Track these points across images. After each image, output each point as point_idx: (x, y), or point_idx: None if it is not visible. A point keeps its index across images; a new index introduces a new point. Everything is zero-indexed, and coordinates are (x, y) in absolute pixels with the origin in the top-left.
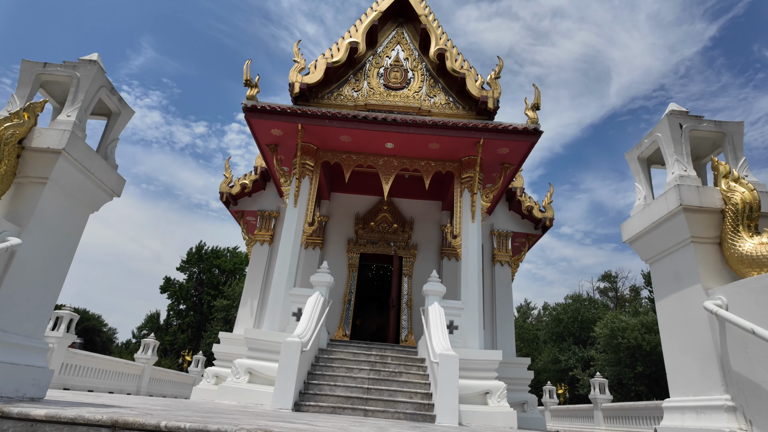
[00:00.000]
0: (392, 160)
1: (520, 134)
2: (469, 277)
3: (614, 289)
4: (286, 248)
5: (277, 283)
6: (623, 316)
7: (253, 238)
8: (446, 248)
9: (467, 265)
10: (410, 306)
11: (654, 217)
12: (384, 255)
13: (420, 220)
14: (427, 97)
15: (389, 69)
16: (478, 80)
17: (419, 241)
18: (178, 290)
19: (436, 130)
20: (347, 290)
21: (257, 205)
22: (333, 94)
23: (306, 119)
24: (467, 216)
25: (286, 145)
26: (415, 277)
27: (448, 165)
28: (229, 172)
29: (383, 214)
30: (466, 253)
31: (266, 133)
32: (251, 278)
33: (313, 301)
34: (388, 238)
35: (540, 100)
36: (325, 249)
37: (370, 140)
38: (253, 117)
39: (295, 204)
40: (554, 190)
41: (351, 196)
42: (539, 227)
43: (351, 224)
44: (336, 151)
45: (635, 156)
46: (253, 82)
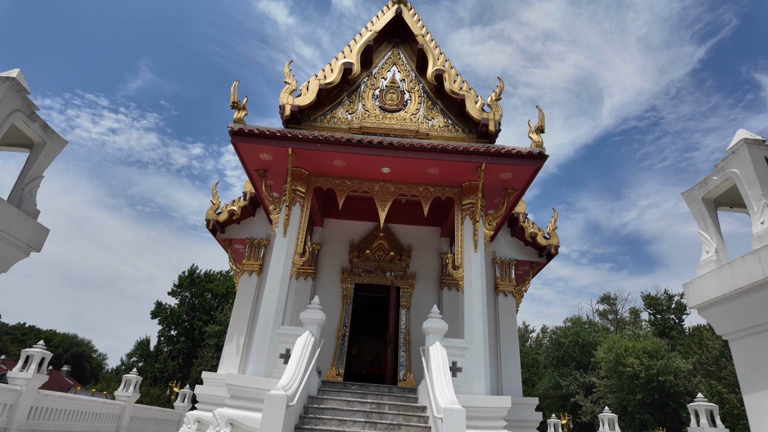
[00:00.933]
0: (389, 186)
1: (525, 158)
2: (473, 313)
3: (614, 311)
4: (273, 282)
5: (264, 322)
6: (625, 340)
7: (241, 268)
8: (446, 278)
9: (471, 299)
10: (409, 341)
11: (740, 282)
12: (380, 285)
13: (418, 248)
14: (424, 120)
15: (385, 90)
16: (478, 102)
17: (417, 270)
18: (170, 315)
19: (435, 154)
20: (341, 324)
21: (246, 232)
22: (326, 116)
23: (297, 143)
24: (469, 245)
25: (275, 170)
26: (414, 309)
27: (448, 191)
28: (217, 197)
29: (379, 242)
30: (469, 286)
31: (254, 157)
32: (238, 312)
33: (303, 341)
34: (385, 266)
35: (544, 123)
36: (317, 279)
37: (365, 165)
38: (241, 141)
39: (285, 233)
40: (548, 210)
41: (345, 223)
42: (544, 254)
43: (345, 252)
44: (329, 176)
45: (699, 196)
46: (241, 104)
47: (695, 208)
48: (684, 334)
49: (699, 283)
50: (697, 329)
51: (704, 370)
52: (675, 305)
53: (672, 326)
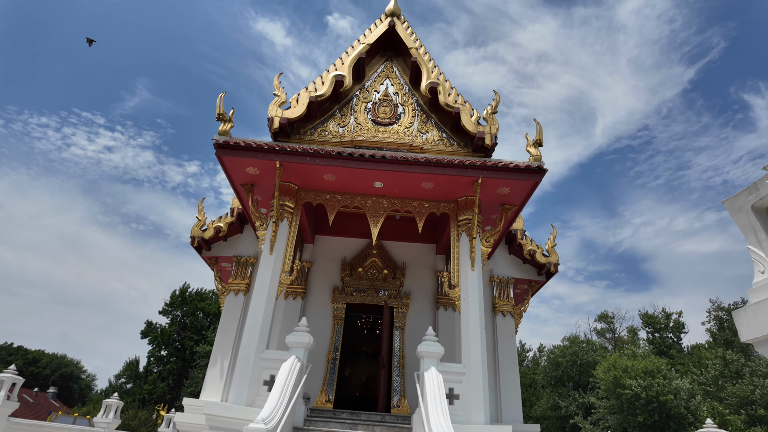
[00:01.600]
0: (381, 201)
1: (523, 172)
2: (470, 335)
3: (612, 330)
4: (258, 302)
5: (247, 346)
6: (624, 360)
7: (227, 288)
8: (442, 297)
9: (468, 321)
10: (403, 365)
11: None
12: (373, 305)
13: (413, 266)
14: (418, 133)
15: (378, 104)
16: (474, 115)
17: (412, 289)
18: (160, 335)
19: (430, 168)
20: (331, 346)
21: (233, 250)
22: (316, 129)
23: (285, 156)
24: (466, 263)
25: (263, 185)
26: (408, 330)
27: (444, 206)
28: (203, 214)
29: (372, 259)
30: (466, 306)
31: (240, 171)
32: (223, 334)
33: (288, 367)
34: (378, 285)
35: (542, 136)
36: (307, 298)
37: (357, 179)
38: (226, 154)
39: (271, 250)
40: (543, 227)
41: (337, 239)
42: (543, 273)
43: (337, 270)
44: (319, 191)
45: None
46: (227, 116)
47: (742, 219)
48: (683, 353)
49: (756, 311)
50: (695, 348)
51: (703, 390)
52: (673, 324)
53: (670, 345)
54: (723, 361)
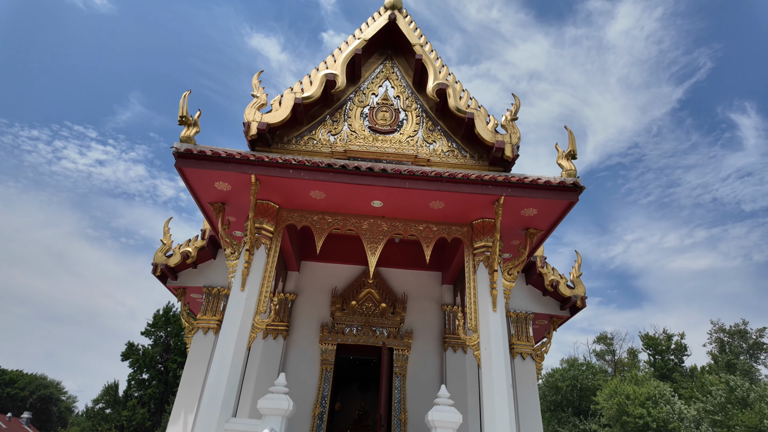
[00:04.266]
0: (381, 224)
1: (555, 191)
2: (495, 397)
3: (611, 351)
4: (223, 354)
5: (206, 413)
6: (626, 385)
7: (195, 325)
8: (450, 336)
9: (491, 377)
10: (404, 421)
11: None
12: (369, 346)
13: (415, 298)
14: (424, 143)
15: (376, 108)
16: (490, 122)
17: (414, 326)
18: (142, 357)
19: (441, 183)
20: (318, 397)
21: (204, 279)
22: (303, 138)
23: (262, 168)
24: (486, 303)
25: (236, 203)
26: (411, 378)
27: (455, 230)
28: (168, 237)
29: (368, 290)
30: (488, 358)
31: (208, 187)
32: (188, 383)
33: None
34: (375, 322)
35: (575, 146)
36: (290, 338)
37: (351, 197)
38: (188, 165)
39: (243, 286)
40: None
41: (326, 266)
42: (567, 307)
43: (326, 303)
44: (304, 210)
45: None
46: (192, 119)
47: None
48: (685, 376)
49: None
50: (694, 370)
51: (710, 419)
52: (675, 345)
53: (672, 368)
54: (727, 386)
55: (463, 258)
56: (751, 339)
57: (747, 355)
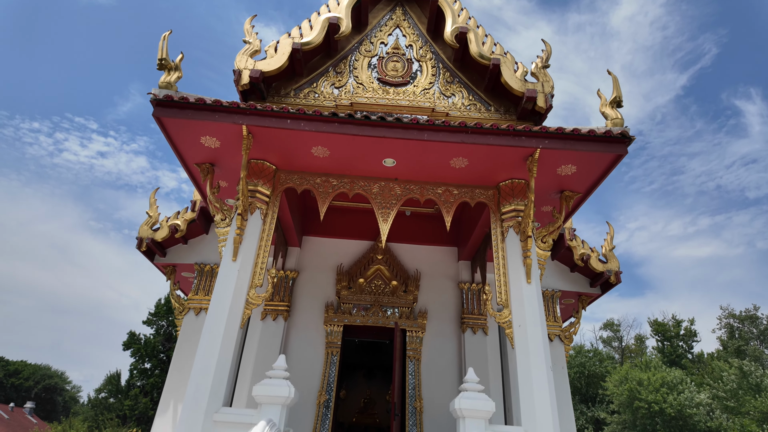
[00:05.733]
0: (393, 187)
1: (600, 142)
2: (533, 381)
3: (618, 338)
4: (212, 334)
5: (193, 402)
6: (637, 372)
7: (185, 305)
8: (468, 316)
9: (528, 359)
10: (420, 409)
11: None
12: (379, 328)
13: (429, 275)
14: (441, 96)
15: (385, 59)
16: (519, 70)
17: (429, 306)
18: (143, 347)
19: (466, 135)
20: (324, 384)
21: (195, 255)
22: (302, 90)
23: (255, 118)
24: (518, 274)
25: (228, 165)
26: (426, 362)
27: (479, 194)
28: (155, 209)
29: (377, 267)
30: (523, 337)
31: (193, 143)
32: (177, 369)
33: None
34: (385, 301)
35: (621, 93)
36: (292, 319)
37: (360, 154)
38: (169, 115)
39: (235, 256)
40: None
41: (331, 242)
42: (597, 284)
43: (331, 281)
44: (306, 172)
45: None
46: (173, 62)
47: None
48: (695, 362)
49: None
50: (701, 356)
51: (722, 405)
52: (684, 331)
53: (681, 354)
54: (740, 372)
55: (483, 231)
56: (762, 324)
57: (758, 341)
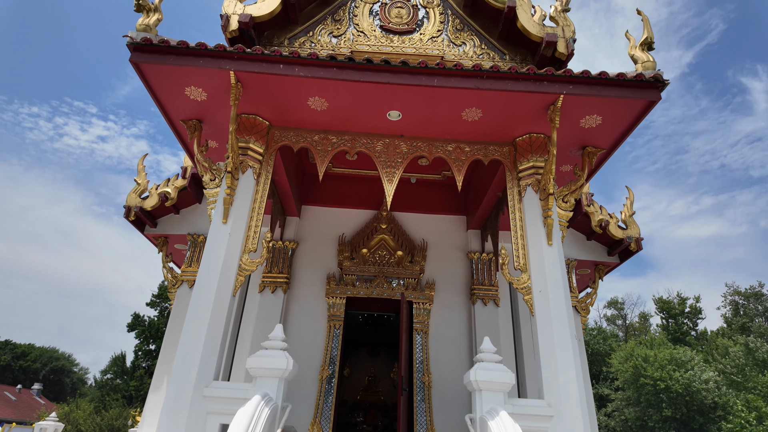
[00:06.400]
0: (399, 144)
1: (630, 87)
2: (557, 351)
3: (622, 316)
4: (202, 302)
5: (181, 375)
6: (643, 348)
7: (178, 278)
8: (478, 287)
9: (550, 325)
10: (428, 384)
11: None
12: (384, 300)
13: (436, 245)
14: (451, 44)
15: (389, 5)
16: (536, 13)
17: (437, 277)
18: (147, 328)
19: (481, 81)
20: (326, 358)
21: (188, 226)
22: (297, 39)
23: (244, 63)
24: (537, 235)
25: (216, 121)
26: (434, 334)
27: (493, 150)
28: (143, 176)
29: (381, 237)
30: (545, 302)
31: (177, 94)
32: (170, 344)
33: (250, 415)
34: (390, 272)
35: (652, 34)
36: (292, 292)
37: (361, 106)
38: (148, 61)
39: (225, 218)
40: None
41: (331, 211)
42: (615, 252)
43: (332, 252)
44: (302, 129)
45: None
46: (152, 4)
47: None
48: (699, 340)
49: None
50: (714, 336)
51: (728, 380)
52: (690, 309)
53: (686, 331)
54: (746, 348)
55: (494, 196)
56: (767, 301)
57: (762, 318)
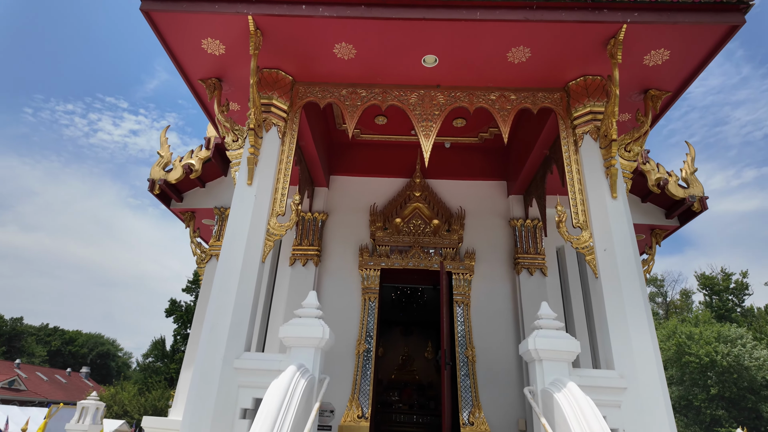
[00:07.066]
0: (435, 95)
1: (707, 11)
2: (627, 313)
3: (662, 294)
4: (229, 269)
5: (209, 346)
6: (687, 326)
7: (207, 253)
8: (523, 256)
9: (618, 286)
10: (472, 358)
11: None
12: (420, 271)
13: (475, 212)
14: None
15: None
16: None
17: (477, 246)
18: (184, 313)
19: (531, 12)
20: (362, 332)
21: (214, 199)
22: None
23: (264, 6)
24: (599, 187)
25: (237, 79)
26: (475, 307)
27: (543, 97)
28: (166, 148)
29: (415, 205)
30: (611, 262)
31: (194, 49)
32: (201, 319)
33: (284, 387)
34: (426, 242)
35: None
36: (324, 265)
37: (393, 51)
38: (159, 8)
39: (250, 179)
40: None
41: (361, 180)
42: (674, 214)
43: (364, 223)
44: (328, 83)
45: None
46: None
47: None
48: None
49: None
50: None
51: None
52: (735, 285)
53: (731, 308)
54: None
55: (539, 156)
56: None
57: None
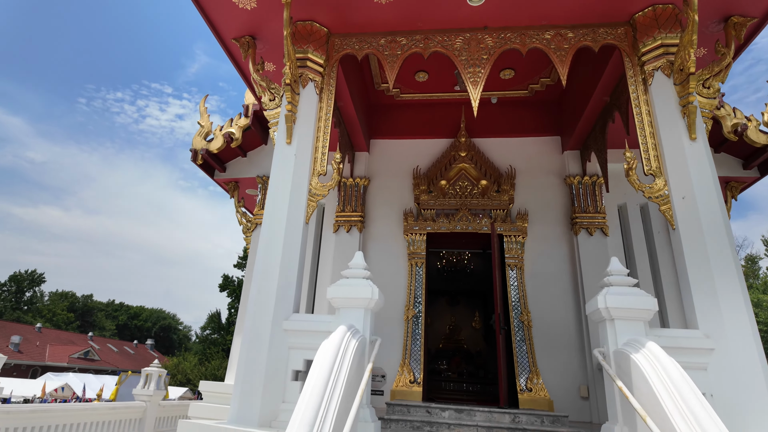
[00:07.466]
0: (483, 38)
1: None
2: (712, 266)
3: None
4: (273, 231)
5: (258, 308)
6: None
7: (252, 222)
8: (581, 215)
9: (701, 238)
10: (528, 324)
11: None
12: (469, 234)
13: (526, 172)
14: None
15: None
16: None
17: (529, 206)
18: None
19: None
20: (410, 298)
21: (256, 168)
22: None
23: None
24: (674, 128)
25: (271, 36)
26: (529, 270)
27: (604, 33)
28: (206, 118)
29: (461, 165)
30: (691, 211)
31: (225, 5)
32: (248, 289)
33: (334, 350)
34: (474, 204)
35: None
36: (367, 230)
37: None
38: None
39: (289, 138)
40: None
41: (402, 143)
42: (754, 164)
43: (407, 187)
44: (366, 34)
45: None
46: None
47: None
48: None
49: None
50: None
51: None
52: None
53: None
54: None
55: (599, 104)
56: None
57: None
